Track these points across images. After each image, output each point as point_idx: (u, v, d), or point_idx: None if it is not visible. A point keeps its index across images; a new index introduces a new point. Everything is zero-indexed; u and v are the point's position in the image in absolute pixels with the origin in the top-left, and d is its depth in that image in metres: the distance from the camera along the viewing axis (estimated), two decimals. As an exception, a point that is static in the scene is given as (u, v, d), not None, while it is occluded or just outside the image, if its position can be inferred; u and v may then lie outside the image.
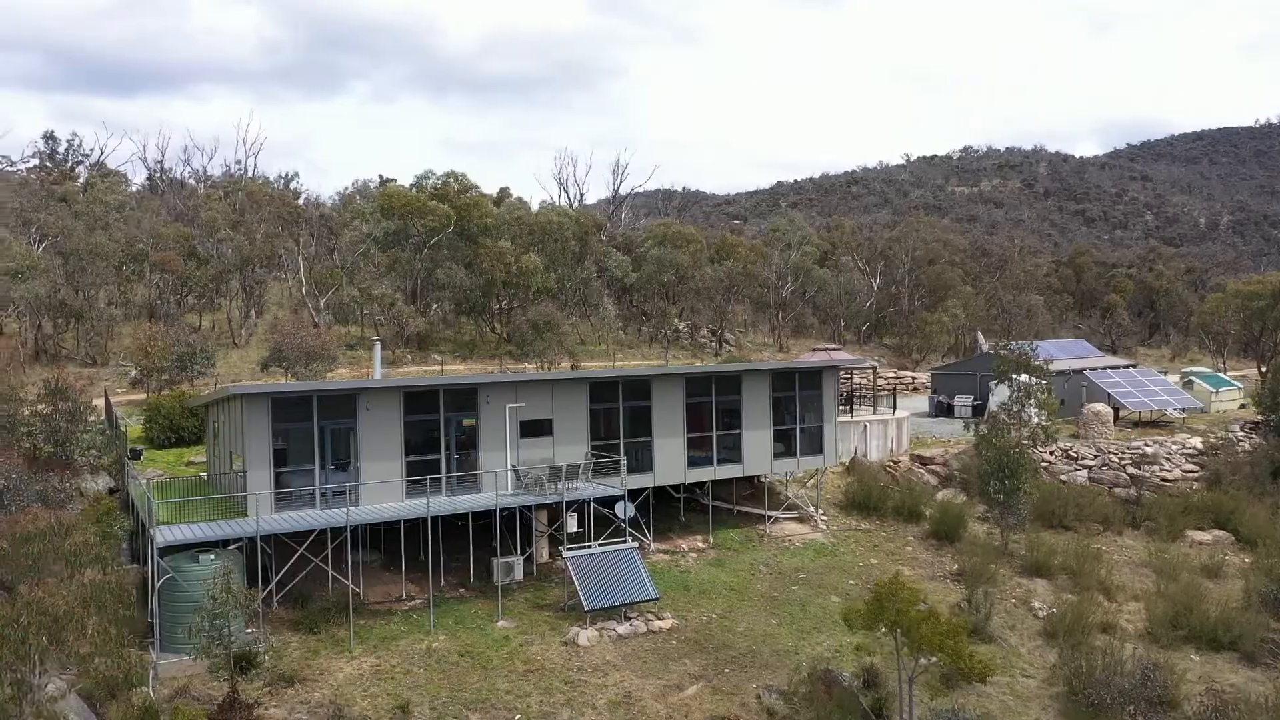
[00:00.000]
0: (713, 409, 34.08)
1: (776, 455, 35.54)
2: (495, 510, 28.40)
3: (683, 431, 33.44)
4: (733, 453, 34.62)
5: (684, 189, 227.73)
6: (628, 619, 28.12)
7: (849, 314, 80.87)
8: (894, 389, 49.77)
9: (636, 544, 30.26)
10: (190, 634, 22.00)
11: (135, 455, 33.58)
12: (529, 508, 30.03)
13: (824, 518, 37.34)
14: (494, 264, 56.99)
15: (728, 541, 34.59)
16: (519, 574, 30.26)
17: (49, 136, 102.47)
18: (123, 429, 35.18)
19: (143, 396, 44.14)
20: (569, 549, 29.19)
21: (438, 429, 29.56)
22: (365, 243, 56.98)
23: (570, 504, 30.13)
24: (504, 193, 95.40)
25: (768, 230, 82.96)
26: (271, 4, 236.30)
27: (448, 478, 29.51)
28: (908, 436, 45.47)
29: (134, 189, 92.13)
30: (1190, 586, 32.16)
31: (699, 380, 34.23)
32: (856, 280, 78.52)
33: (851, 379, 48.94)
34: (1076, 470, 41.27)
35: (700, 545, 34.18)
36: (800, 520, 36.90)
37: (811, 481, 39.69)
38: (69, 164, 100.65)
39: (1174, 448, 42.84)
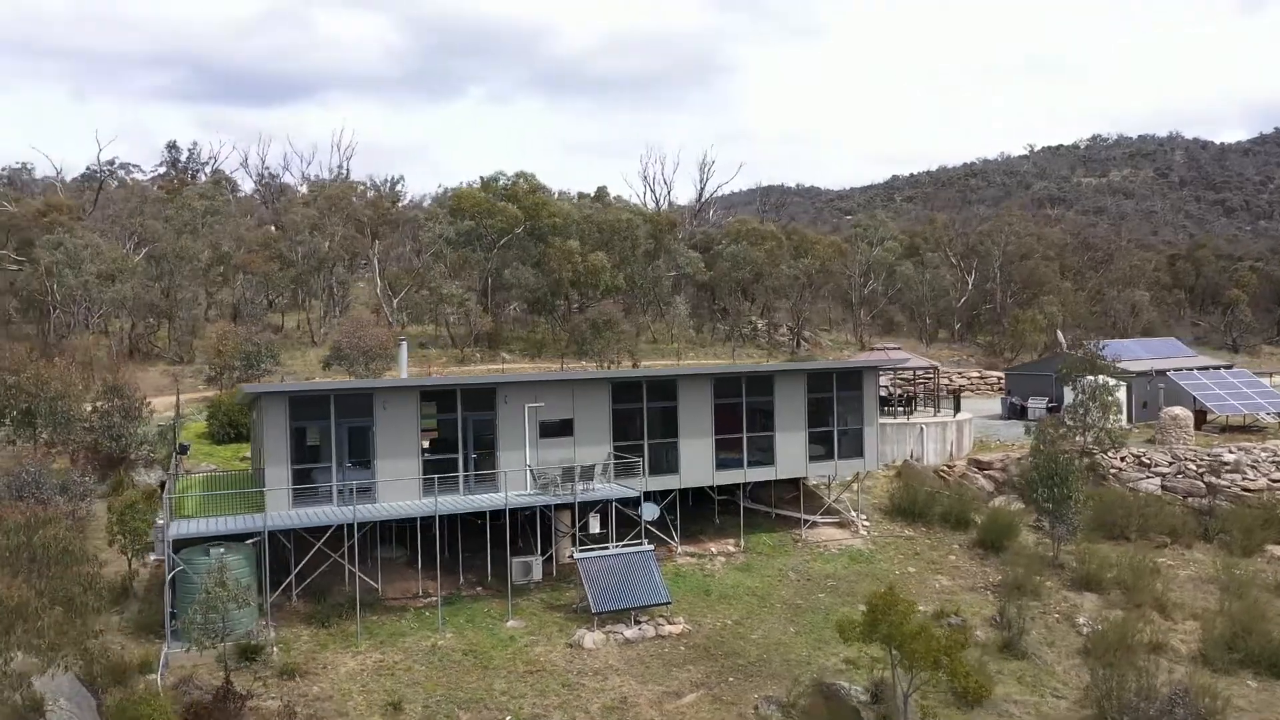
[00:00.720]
0: (743, 410, 33.37)
1: (813, 458, 34.58)
2: (505, 510, 28.45)
3: (710, 433, 32.86)
4: (765, 455, 33.84)
5: (797, 185, 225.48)
6: (637, 622, 27.79)
7: (937, 311, 78.24)
8: (957, 390, 47.82)
9: (653, 546, 29.89)
10: (185, 626, 22.71)
11: (183, 450, 35.00)
12: (548, 507, 30.02)
13: (866, 523, 36.15)
14: (561, 263, 57.30)
15: (759, 545, 33.83)
16: (538, 574, 30.26)
17: (171, 145, 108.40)
18: (173, 425, 36.70)
19: (215, 394, 46.08)
20: (581, 550, 29.05)
21: (454, 428, 29.82)
22: (437, 243, 58.06)
23: (585, 505, 29.98)
24: (601, 192, 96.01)
25: (850, 226, 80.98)
26: (394, 13, 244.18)
27: (465, 476, 29.73)
28: (971, 439, 43.65)
29: (242, 194, 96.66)
30: (1255, 605, 29.81)
31: (728, 381, 33.58)
32: (945, 276, 75.84)
33: (920, 378, 47.25)
34: (1148, 478, 38.77)
35: (730, 549, 33.54)
36: (840, 525, 35.83)
37: (857, 486, 38.55)
38: (189, 171, 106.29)
39: (1262, 455, 39.78)
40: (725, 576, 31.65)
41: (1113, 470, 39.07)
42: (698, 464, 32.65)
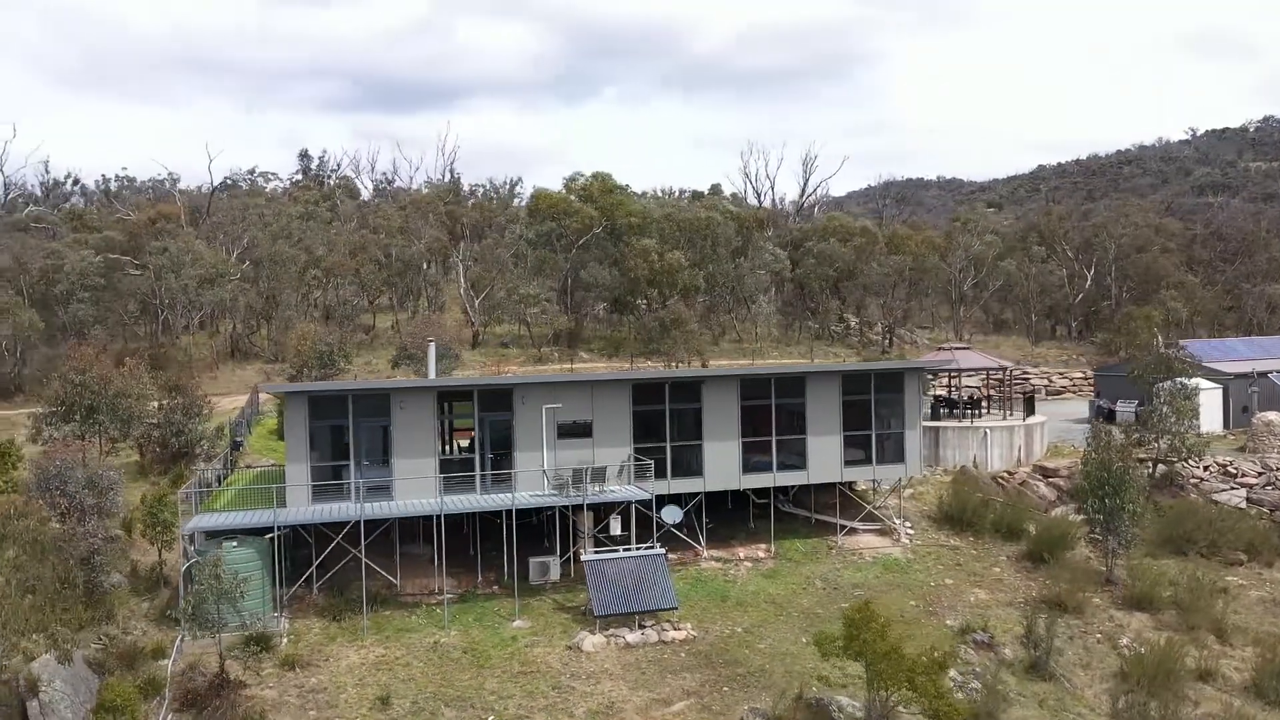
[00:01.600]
0: (772, 412, 32.57)
1: (849, 462, 33.43)
2: (511, 510, 28.64)
3: (737, 435, 32.20)
4: (796, 459, 32.93)
5: (938, 177, 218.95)
6: (642, 627, 27.51)
7: (1049, 308, 74.36)
8: (1029, 393, 45.31)
9: (664, 550, 29.51)
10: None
11: (235, 446, 36.73)
12: (568, 508, 30.06)
13: (910, 531, 34.70)
14: (637, 262, 57.32)
15: (791, 551, 32.95)
16: (555, 574, 30.34)
17: (303, 154, 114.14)
18: (234, 422, 38.57)
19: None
20: (591, 552, 28.97)
21: (472, 428, 30.24)
22: (518, 244, 59.04)
23: (609, 506, 29.89)
24: (715, 189, 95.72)
25: (948, 220, 77.85)
26: (533, 20, 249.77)
27: (481, 476, 30.10)
28: (1043, 444, 41.34)
29: (363, 198, 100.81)
30: (1325, 633, 27.11)
31: (756, 382, 32.81)
32: (1054, 272, 71.97)
33: (993, 378, 45.06)
34: (1231, 489, 35.80)
35: (760, 554, 32.79)
36: (882, 533, 34.51)
37: (909, 492, 37.09)
38: (318, 178, 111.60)
39: (1370, 466, 36.17)
40: (748, 582, 30.96)
41: (1193, 480, 36.27)
42: (723, 467, 32.05)
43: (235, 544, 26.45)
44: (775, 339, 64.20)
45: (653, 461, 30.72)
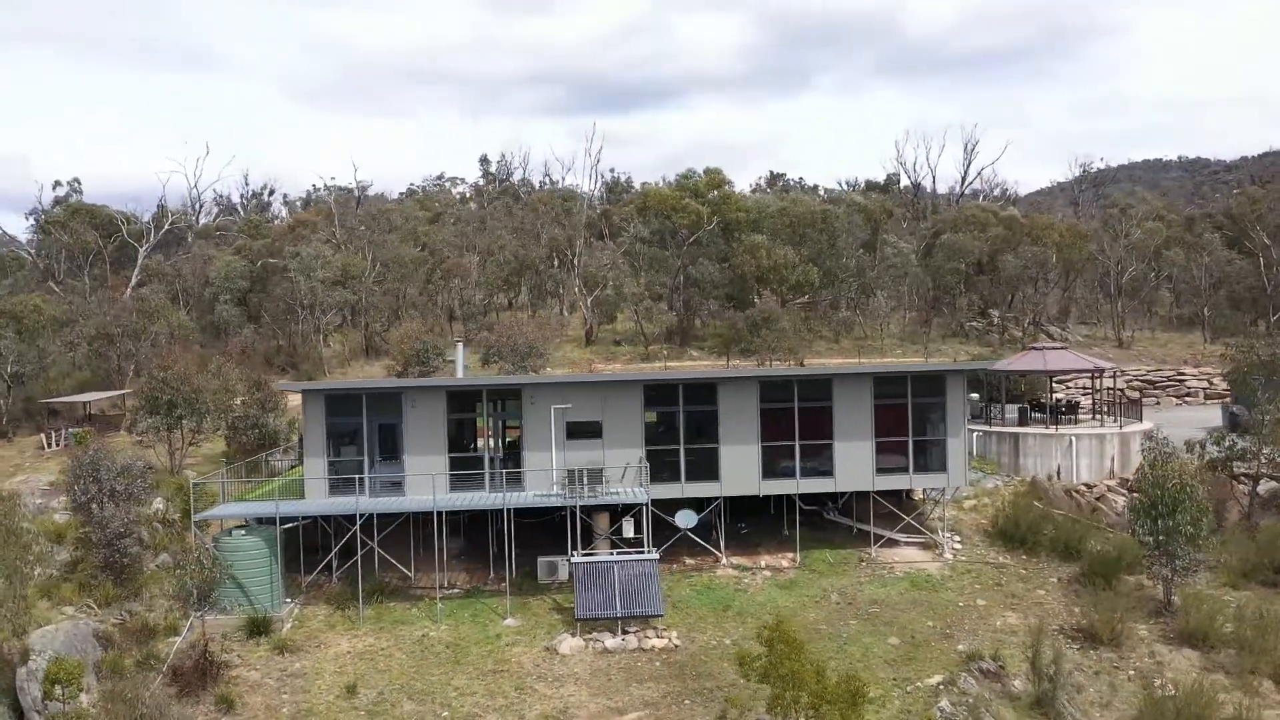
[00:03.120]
0: (794, 416, 31.14)
1: (882, 470, 31.43)
2: (504, 510, 28.89)
3: (756, 439, 31.02)
4: (823, 464, 31.32)
5: (1179, 157, 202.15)
6: (625, 632, 27.08)
7: (1228, 302, 66.59)
8: (1139, 397, 40.83)
9: (656, 555, 28.86)
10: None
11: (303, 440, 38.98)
12: (579, 509, 29.97)
13: (957, 545, 32.26)
14: (744, 258, 56.24)
15: (817, 562, 31.42)
16: (564, 574, 30.33)
17: (483, 159, 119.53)
18: (295, 417, 40.92)
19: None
20: (580, 554, 28.80)
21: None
22: (629, 242, 59.35)
23: (611, 508, 29.66)
24: (892, 179, 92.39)
25: (1103, 207, 71.26)
26: (746, 11, 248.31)
27: (490, 474, 30.55)
28: (1141, 454, 37.19)
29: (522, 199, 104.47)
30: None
31: (777, 384, 31.45)
32: (1233, 261, 64.40)
33: (1104, 381, 40.96)
34: (1352, 512, 30.95)
35: (783, 563, 31.47)
36: (926, 546, 32.26)
37: (971, 504, 34.52)
38: (495, 181, 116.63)
39: None
40: (758, 593, 29.79)
41: (1307, 501, 31.65)
42: (741, 471, 30.96)
43: (244, 532, 28.20)
44: (903, 336, 61.13)
45: (660, 464, 30.11)
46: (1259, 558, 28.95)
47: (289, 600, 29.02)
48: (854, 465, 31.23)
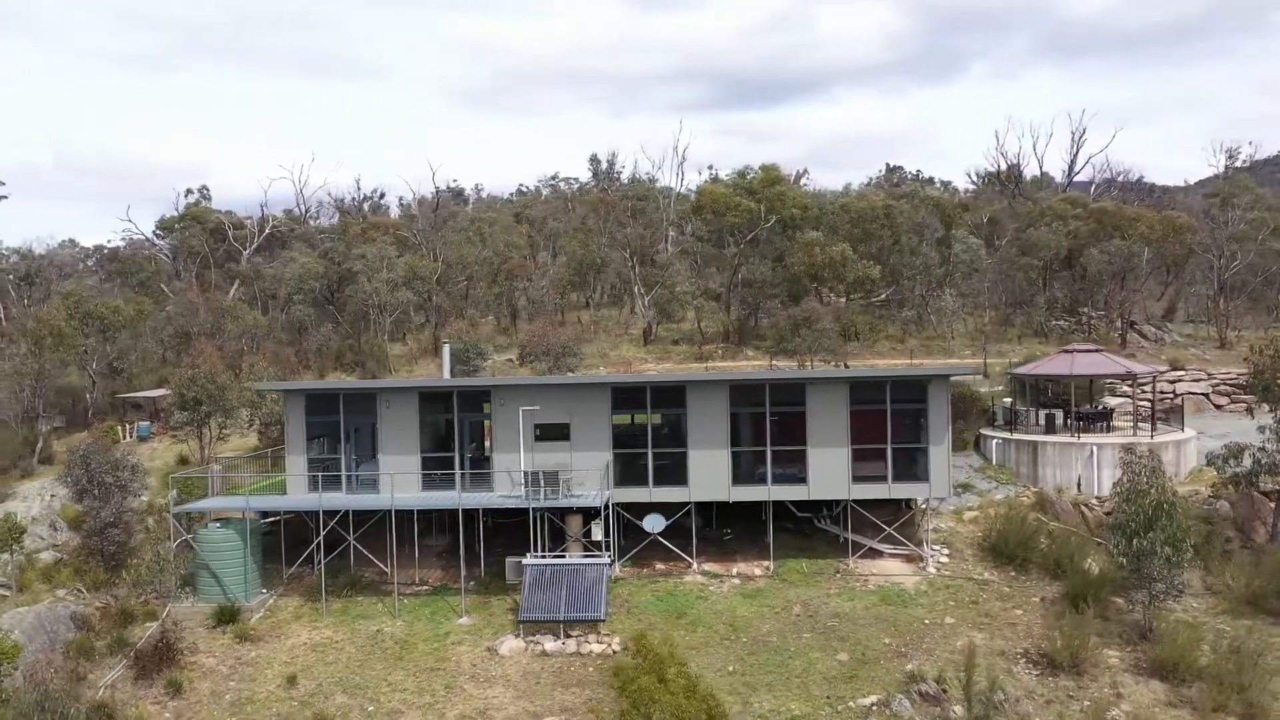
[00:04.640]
0: (766, 421, 30.27)
1: (858, 478, 30.17)
2: (458, 510, 29.24)
3: (725, 444, 30.32)
4: (796, 471, 30.33)
5: None
6: (568, 635, 27.01)
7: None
8: (1171, 404, 37.62)
9: (608, 560, 28.61)
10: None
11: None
12: (541, 510, 30.09)
13: (944, 559, 30.67)
14: (797, 256, 54.94)
15: (791, 571, 30.47)
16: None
17: (593, 158, 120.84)
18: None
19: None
20: (532, 556, 28.87)
21: (452, 427, 31.21)
22: (683, 241, 58.93)
23: (564, 511, 29.64)
24: (1013, 170, 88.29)
25: (1205, 196, 65.80)
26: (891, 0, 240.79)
27: (461, 475, 30.99)
28: (1183, 465, 34.40)
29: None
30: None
31: (748, 389, 30.62)
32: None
33: (1155, 386, 37.98)
34: (1390, 536, 27.70)
35: (756, 571, 30.67)
36: (909, 559, 30.80)
37: (972, 515, 32.78)
38: (602, 181, 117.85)
39: None
40: (719, 601, 29.13)
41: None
42: (709, 477, 30.33)
43: (219, 525, 29.61)
44: (976, 334, 58.25)
45: (629, 468, 29.88)
46: (1266, 584, 26.29)
47: (264, 591, 30.27)
48: (829, 472, 30.12)
